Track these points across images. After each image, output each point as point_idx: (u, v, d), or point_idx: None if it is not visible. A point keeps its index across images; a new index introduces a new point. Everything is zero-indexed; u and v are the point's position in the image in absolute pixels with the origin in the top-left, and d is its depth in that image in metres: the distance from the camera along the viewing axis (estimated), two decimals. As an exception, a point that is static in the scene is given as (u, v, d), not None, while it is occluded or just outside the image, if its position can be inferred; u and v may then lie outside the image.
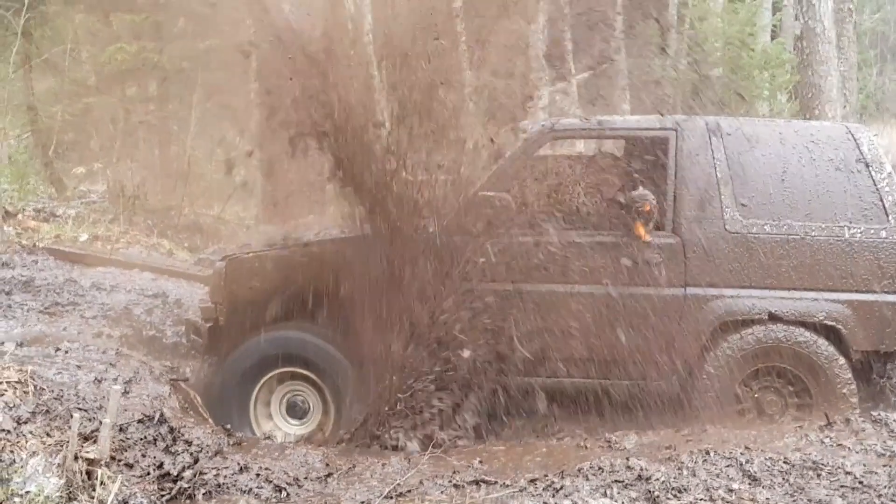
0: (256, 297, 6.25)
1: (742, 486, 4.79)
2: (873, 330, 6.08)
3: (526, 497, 4.82)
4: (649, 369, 6.09)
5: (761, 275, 6.12)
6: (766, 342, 6.09)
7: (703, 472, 4.93)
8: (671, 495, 4.69)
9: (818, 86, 10.51)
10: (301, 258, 6.23)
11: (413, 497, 4.97)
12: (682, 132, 6.32)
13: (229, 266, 6.39)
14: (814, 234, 6.11)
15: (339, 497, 4.98)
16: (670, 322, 6.10)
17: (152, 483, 4.89)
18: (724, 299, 6.12)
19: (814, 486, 4.76)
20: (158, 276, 9.23)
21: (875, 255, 6.09)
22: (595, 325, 6.05)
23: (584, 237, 6.19)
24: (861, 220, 6.14)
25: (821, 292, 6.11)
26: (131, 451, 5.05)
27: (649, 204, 6.11)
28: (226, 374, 6.28)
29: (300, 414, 6.38)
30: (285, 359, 6.22)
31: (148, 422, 5.34)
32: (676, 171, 6.25)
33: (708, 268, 6.13)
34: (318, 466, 5.41)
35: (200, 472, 5.03)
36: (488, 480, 5.11)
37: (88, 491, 4.58)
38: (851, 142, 6.32)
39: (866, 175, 6.21)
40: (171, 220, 12.78)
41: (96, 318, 7.77)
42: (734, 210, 6.15)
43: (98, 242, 11.19)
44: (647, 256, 6.11)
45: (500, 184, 6.18)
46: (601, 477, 4.96)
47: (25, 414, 4.97)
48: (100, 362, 6.20)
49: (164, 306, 8.39)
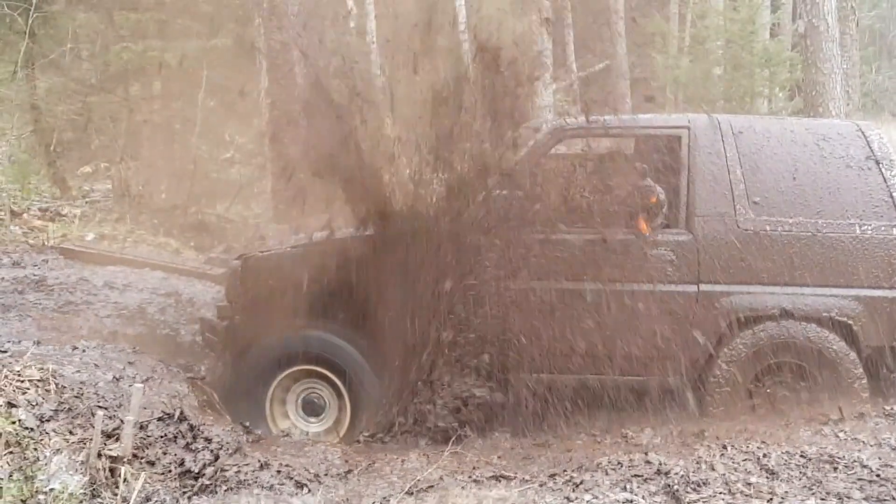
0: (273, 296, 6.27)
1: (760, 479, 4.84)
2: (884, 325, 6.13)
3: (546, 492, 4.87)
4: (663, 365, 6.15)
5: (773, 271, 6.16)
6: (778, 338, 6.14)
7: (721, 466, 4.98)
8: (690, 489, 4.73)
9: (822, 83, 10.53)
10: (317, 257, 6.25)
11: (433, 493, 5.02)
12: (694, 130, 6.37)
13: (245, 265, 6.43)
14: (825, 231, 6.16)
15: (360, 493, 5.01)
16: (683, 318, 6.15)
17: (174, 480, 4.92)
18: (736, 296, 6.17)
19: (831, 480, 4.82)
20: (169, 275, 9.27)
21: (886, 251, 6.14)
22: (608, 321, 6.10)
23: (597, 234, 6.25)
24: (872, 216, 6.19)
25: (832, 288, 6.15)
26: (152, 448, 5.07)
27: (655, 196, 6.16)
28: (242, 372, 6.31)
29: (316, 411, 6.41)
30: (302, 357, 6.25)
31: (168, 419, 5.36)
32: (689, 168, 6.29)
33: (720, 264, 6.18)
34: (338, 463, 5.46)
35: (221, 469, 5.06)
36: (508, 476, 5.16)
37: (112, 488, 4.63)
38: (862, 139, 6.37)
39: (877, 172, 6.26)
40: (177, 219, 12.77)
41: (110, 317, 7.81)
42: (746, 207, 6.20)
43: (105, 241, 11.21)
44: (660, 253, 6.17)
45: (513, 183, 6.22)
46: (620, 472, 5.01)
47: (48, 412, 4.99)
48: (117, 361, 6.24)
49: (178, 305, 8.42)
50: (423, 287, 5.94)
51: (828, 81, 10.55)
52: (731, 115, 6.74)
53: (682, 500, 4.64)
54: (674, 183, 6.33)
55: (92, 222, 12.15)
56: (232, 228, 12.96)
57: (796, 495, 4.66)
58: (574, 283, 6.13)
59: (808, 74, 10.77)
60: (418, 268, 5.97)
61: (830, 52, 10.51)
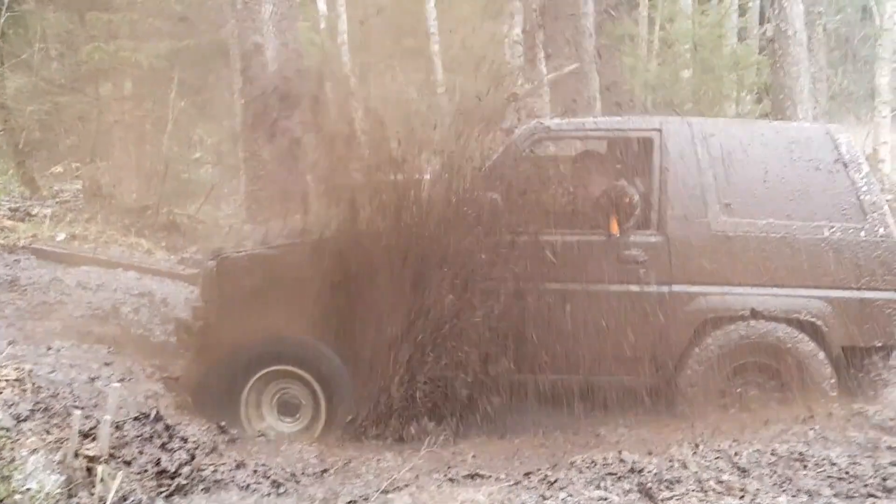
0: (249, 296, 6.28)
1: (732, 477, 4.91)
2: (852, 326, 6.24)
3: (521, 490, 4.91)
4: (636, 365, 6.22)
5: (744, 273, 6.25)
6: (748, 338, 6.24)
7: (693, 464, 5.05)
8: (664, 487, 4.80)
9: (790, 87, 10.65)
10: (293, 257, 6.27)
11: (410, 491, 5.05)
12: (666, 133, 6.44)
13: (221, 265, 6.40)
14: (794, 233, 6.26)
15: (337, 492, 5.04)
16: (656, 319, 6.23)
17: (151, 479, 4.91)
18: (707, 296, 6.26)
19: (801, 477, 4.91)
20: (142, 275, 9.24)
21: (854, 253, 6.24)
22: (582, 322, 6.16)
23: (571, 236, 6.32)
24: (840, 219, 6.29)
25: (801, 289, 6.25)
26: (129, 448, 5.05)
27: (629, 197, 6.22)
28: (218, 372, 6.27)
29: (291, 412, 6.41)
30: (278, 357, 6.25)
31: (144, 419, 5.33)
32: (661, 171, 6.37)
33: (692, 266, 6.26)
34: (314, 462, 5.49)
35: (198, 469, 5.06)
36: (483, 474, 5.20)
37: (88, 488, 4.60)
38: (830, 143, 6.47)
39: (845, 175, 6.36)
40: (148, 219, 12.72)
41: (84, 318, 7.77)
42: (718, 209, 6.29)
43: (76, 242, 11.14)
44: (633, 254, 6.24)
45: (488, 184, 6.26)
46: (595, 470, 5.06)
47: (24, 412, 4.97)
48: (93, 361, 6.23)
49: (151, 305, 8.39)
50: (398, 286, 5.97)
51: (795, 85, 10.67)
52: (703, 118, 6.82)
53: (655, 497, 4.71)
54: (646, 185, 6.41)
55: (62, 222, 12.06)
56: (203, 229, 12.93)
57: (767, 492, 4.74)
58: (547, 283, 6.18)
59: (776, 78, 10.89)
60: (392, 267, 5.99)
61: (798, 55, 10.63)
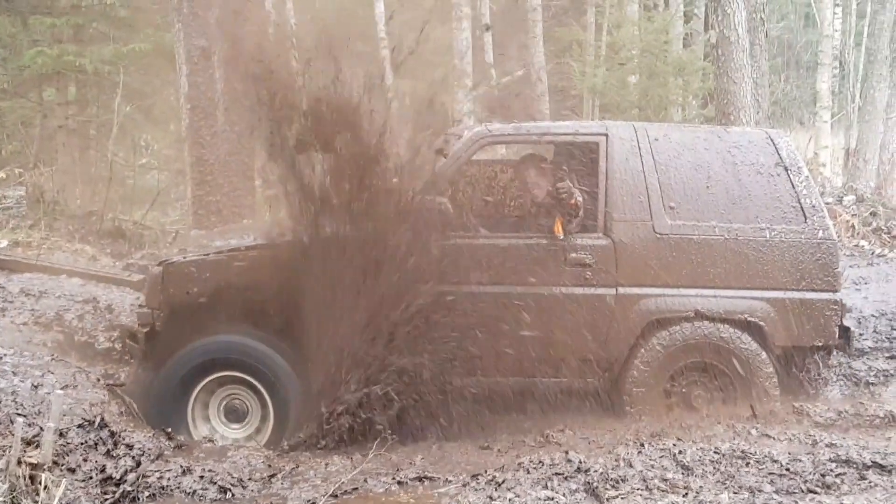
0: (194, 302, 6.24)
1: (676, 475, 4.99)
2: (793, 326, 6.36)
3: (469, 491, 4.94)
4: (583, 367, 6.28)
5: (688, 274, 6.35)
6: (692, 339, 6.34)
7: (638, 463, 5.11)
8: (609, 486, 4.86)
9: (733, 92, 10.80)
10: (240, 263, 6.24)
11: (358, 495, 5.05)
12: (612, 137, 6.51)
13: (167, 271, 6.34)
14: (737, 236, 6.37)
15: (285, 497, 5.02)
16: (602, 321, 6.30)
17: (95, 487, 4.86)
18: (652, 298, 6.35)
19: (743, 474, 5.00)
20: (87, 282, 9.09)
21: (794, 254, 6.37)
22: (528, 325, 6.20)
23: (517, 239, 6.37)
24: (781, 221, 6.42)
25: (744, 290, 6.37)
26: (73, 455, 5.01)
27: (575, 199, 6.28)
28: (164, 379, 6.20)
29: (239, 418, 6.38)
30: (225, 363, 6.21)
31: (88, 426, 5.30)
32: (607, 175, 6.44)
33: (638, 268, 6.34)
34: (261, 467, 5.45)
35: (143, 476, 5.02)
36: (431, 476, 5.22)
37: (32, 495, 4.54)
38: (771, 147, 6.60)
39: (785, 179, 6.49)
40: (93, 225, 12.55)
41: (27, 325, 7.67)
42: (662, 212, 6.37)
43: (19, 248, 10.96)
44: (580, 257, 6.30)
45: (436, 188, 6.28)
46: (542, 470, 5.11)
47: (-34, 420, 4.94)
48: (36, 368, 6.14)
49: (96, 312, 8.27)
50: (346, 291, 5.96)
51: (738, 90, 10.83)
52: (648, 123, 6.90)
53: (601, 496, 4.76)
54: (592, 188, 6.47)
55: (5, 229, 11.87)
56: (149, 235, 12.79)
57: (710, 489, 4.82)
58: (494, 286, 6.22)
59: (720, 83, 11.04)
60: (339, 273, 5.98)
61: (741, 61, 10.79)
